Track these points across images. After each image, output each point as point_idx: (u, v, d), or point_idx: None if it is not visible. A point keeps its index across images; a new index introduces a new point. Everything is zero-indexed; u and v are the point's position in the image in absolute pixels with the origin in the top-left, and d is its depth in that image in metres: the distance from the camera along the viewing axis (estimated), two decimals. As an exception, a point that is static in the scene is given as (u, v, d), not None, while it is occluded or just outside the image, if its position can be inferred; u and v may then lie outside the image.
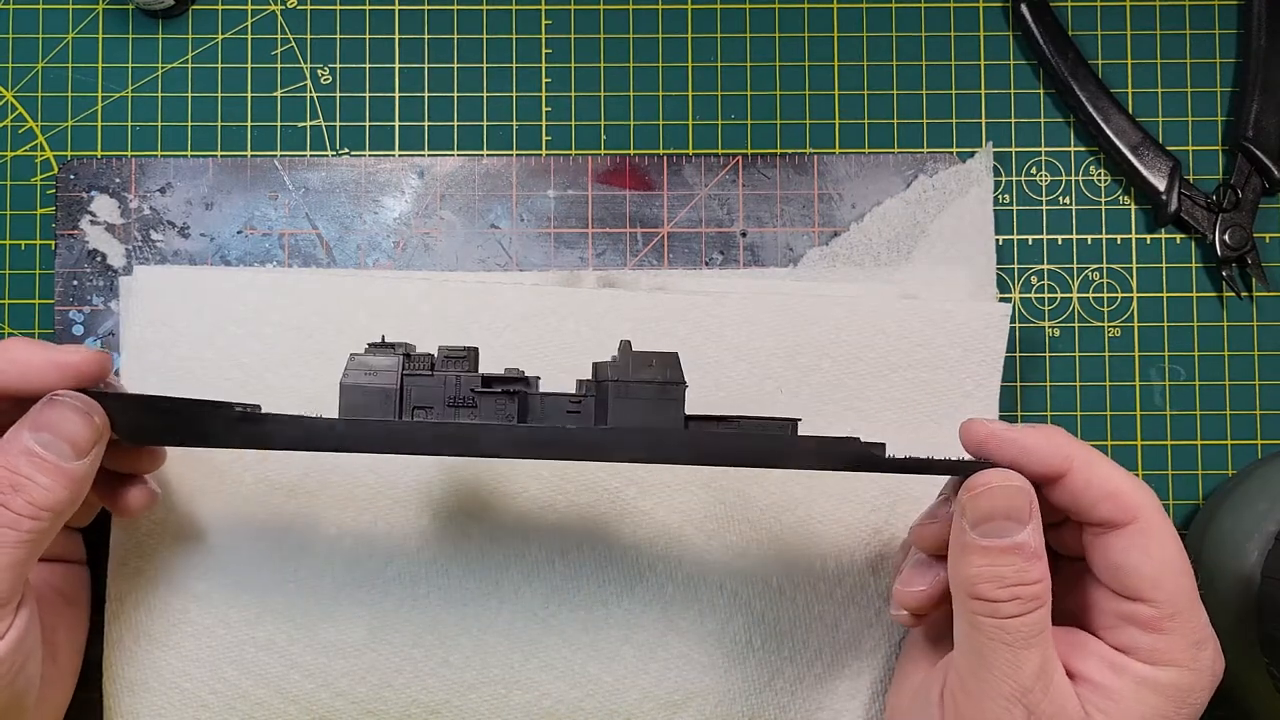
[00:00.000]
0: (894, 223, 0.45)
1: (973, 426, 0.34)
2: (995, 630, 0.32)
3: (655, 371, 0.34)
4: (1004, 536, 0.32)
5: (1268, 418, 0.45)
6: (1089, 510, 0.33)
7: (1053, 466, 0.33)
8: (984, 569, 0.32)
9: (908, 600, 0.37)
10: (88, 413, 0.34)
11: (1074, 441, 0.33)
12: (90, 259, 0.45)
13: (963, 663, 0.33)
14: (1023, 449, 0.33)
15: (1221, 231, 0.45)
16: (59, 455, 0.33)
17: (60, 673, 0.39)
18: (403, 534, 0.42)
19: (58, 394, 0.34)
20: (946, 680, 0.35)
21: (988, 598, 0.32)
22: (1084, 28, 0.47)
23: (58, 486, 0.33)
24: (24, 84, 0.46)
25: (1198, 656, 0.33)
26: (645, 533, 0.42)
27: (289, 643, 0.42)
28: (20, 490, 0.33)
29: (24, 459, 0.33)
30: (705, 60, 0.46)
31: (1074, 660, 0.34)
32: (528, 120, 0.46)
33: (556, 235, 0.45)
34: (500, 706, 0.42)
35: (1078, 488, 0.33)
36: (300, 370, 0.43)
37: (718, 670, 0.42)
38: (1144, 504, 0.33)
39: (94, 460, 0.34)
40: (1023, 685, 0.32)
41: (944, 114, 0.46)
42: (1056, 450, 0.33)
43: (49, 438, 0.33)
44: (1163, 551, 0.33)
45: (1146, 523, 0.33)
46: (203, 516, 0.42)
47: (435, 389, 0.34)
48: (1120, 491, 0.33)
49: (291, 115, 0.46)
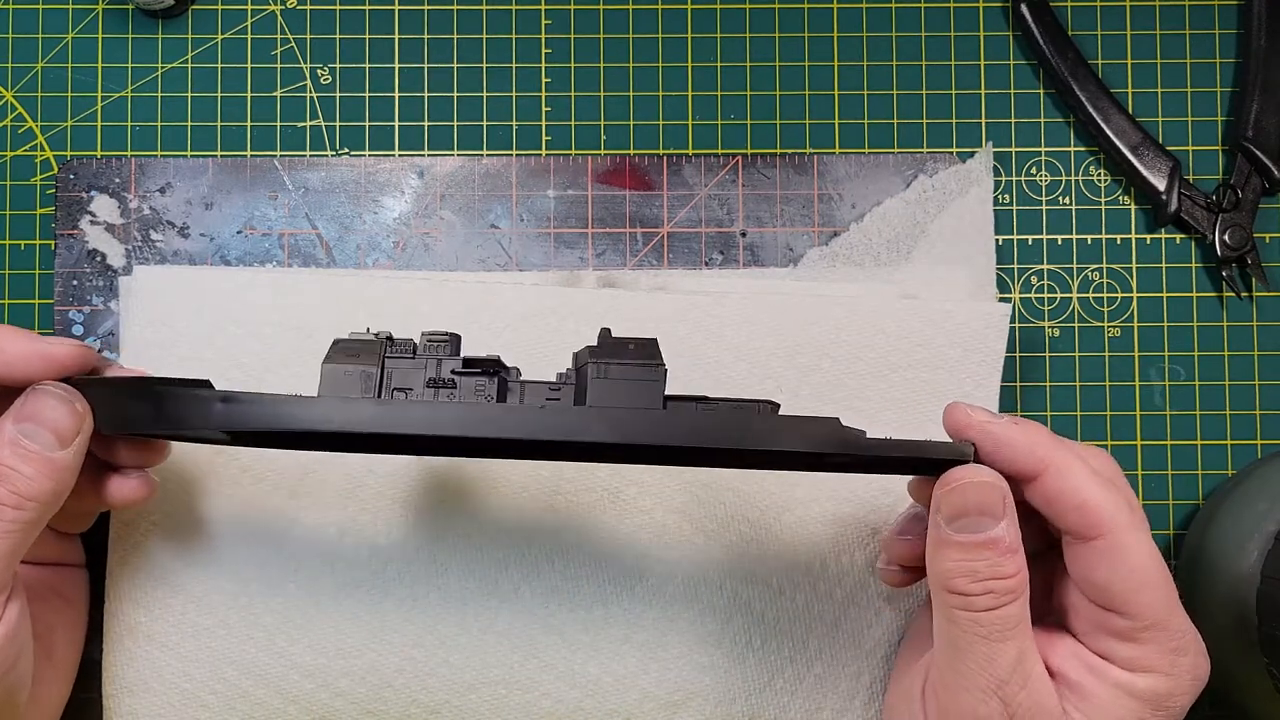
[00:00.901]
0: (894, 223, 0.45)
1: (955, 411, 0.34)
2: (970, 624, 0.32)
3: (634, 355, 0.34)
4: (978, 531, 0.32)
5: (1268, 418, 0.45)
6: (1058, 517, 0.33)
7: (1026, 467, 0.33)
8: (959, 563, 0.32)
9: (895, 548, 0.37)
10: (70, 401, 0.34)
11: (1053, 444, 0.33)
12: (90, 259, 0.45)
13: (941, 657, 0.33)
14: (997, 443, 0.33)
15: (1221, 231, 0.45)
16: (43, 445, 0.33)
17: (57, 672, 0.39)
18: (403, 535, 0.42)
19: (40, 384, 0.34)
20: (928, 675, 0.35)
21: (962, 591, 0.32)
22: (1084, 28, 0.47)
23: (42, 476, 0.33)
24: (24, 84, 0.46)
25: (1176, 663, 0.32)
26: (645, 533, 0.42)
27: (289, 643, 0.42)
28: (4, 480, 0.33)
29: (8, 449, 0.33)
30: (705, 60, 0.46)
31: (1054, 659, 0.34)
32: (528, 120, 0.46)
33: (556, 235, 0.45)
34: (500, 707, 0.42)
35: (1049, 494, 0.33)
36: (300, 370, 0.43)
37: (718, 670, 0.42)
38: (1112, 519, 0.32)
39: (79, 450, 0.34)
40: (998, 678, 0.32)
41: (944, 114, 0.46)
42: (1032, 452, 0.33)
43: (32, 427, 0.33)
44: (1133, 569, 0.32)
45: (1114, 539, 0.32)
46: (203, 518, 0.42)
47: (415, 371, 0.35)
48: (1088, 505, 0.32)
49: (291, 115, 0.46)
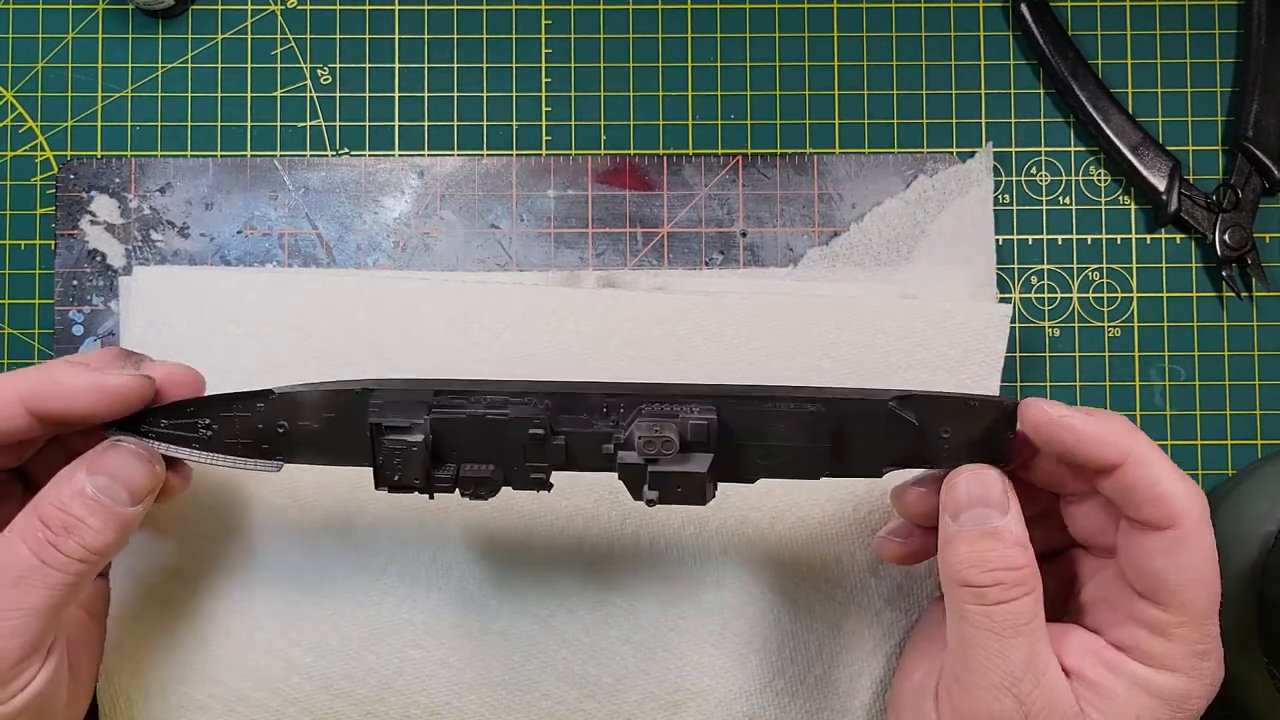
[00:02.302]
0: (894, 223, 0.45)
1: (1032, 408, 0.34)
2: (982, 618, 0.32)
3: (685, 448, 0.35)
4: (983, 523, 0.33)
5: (1268, 418, 0.45)
6: (1133, 507, 0.33)
7: (1109, 458, 0.33)
8: (966, 554, 0.33)
9: (906, 502, 0.37)
10: (151, 462, 0.34)
11: (1134, 435, 0.33)
12: (90, 259, 0.45)
13: (954, 656, 0.34)
14: (1080, 438, 0.33)
15: (1221, 231, 0.45)
16: (114, 500, 0.33)
17: (81, 688, 0.39)
18: (403, 536, 0.42)
19: (123, 439, 0.34)
20: (941, 676, 0.35)
21: (972, 583, 0.32)
22: (1084, 28, 0.47)
23: (109, 530, 0.33)
24: (24, 84, 0.46)
25: (1199, 666, 0.33)
26: (645, 533, 0.42)
27: (289, 645, 0.42)
28: (72, 532, 0.33)
29: (78, 500, 0.33)
30: (705, 60, 0.46)
31: (1069, 657, 0.34)
32: (528, 120, 0.46)
33: (556, 235, 0.45)
34: (500, 707, 0.42)
35: (1128, 482, 0.33)
36: (300, 371, 0.43)
37: (718, 671, 0.42)
38: (1188, 512, 0.32)
39: (147, 505, 0.34)
40: (1011, 674, 0.32)
41: (944, 114, 0.46)
42: (1115, 444, 0.33)
43: (107, 482, 0.33)
44: (1194, 563, 0.32)
45: (1185, 532, 0.32)
46: (202, 521, 0.42)
47: None
48: (1168, 496, 0.32)
49: (291, 115, 0.46)
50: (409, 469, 0.35)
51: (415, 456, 0.35)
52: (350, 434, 0.35)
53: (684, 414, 0.35)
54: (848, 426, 0.35)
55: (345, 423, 0.35)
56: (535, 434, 0.35)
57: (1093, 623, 0.35)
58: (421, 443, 0.35)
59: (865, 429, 0.35)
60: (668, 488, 0.34)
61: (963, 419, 0.35)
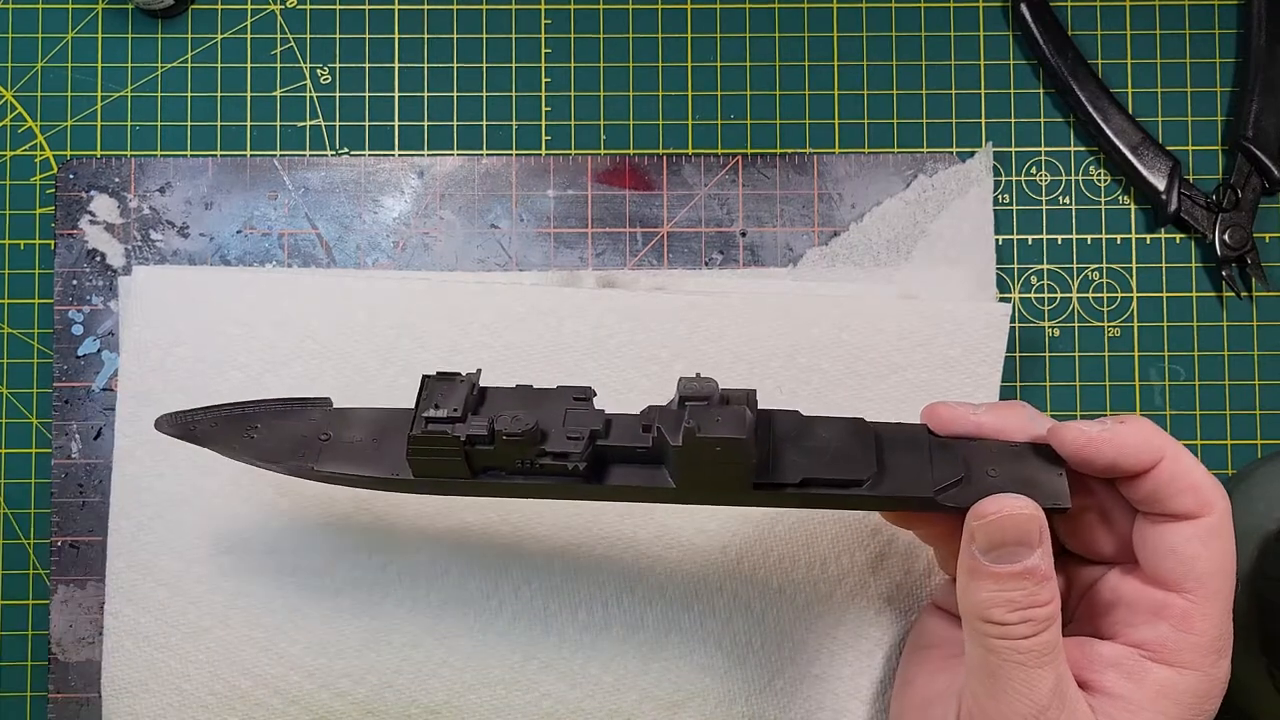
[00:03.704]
0: (894, 223, 0.45)
1: (1066, 434, 0.34)
2: (1009, 652, 0.32)
3: (723, 428, 0.33)
4: (1015, 561, 0.32)
5: (1268, 418, 0.45)
6: (1167, 501, 0.33)
7: (1146, 463, 0.33)
8: (995, 594, 0.32)
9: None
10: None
11: (1160, 432, 0.34)
12: (90, 259, 0.45)
13: (978, 687, 0.33)
14: (1120, 450, 0.33)
15: (1221, 231, 0.45)
16: None
17: None
18: (403, 535, 0.42)
19: None
20: (962, 705, 0.34)
21: (1000, 621, 0.32)
22: (1084, 28, 0.47)
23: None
24: (24, 84, 0.46)
25: (1216, 664, 0.33)
26: (645, 533, 0.42)
27: (289, 644, 0.42)
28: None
29: None
30: (705, 60, 0.46)
31: (1086, 670, 0.34)
32: (527, 120, 0.46)
33: (556, 235, 0.45)
34: (500, 707, 0.42)
35: (1162, 480, 0.33)
36: (300, 370, 0.43)
37: (718, 671, 0.42)
38: (1221, 499, 0.33)
39: None
40: (1039, 704, 0.32)
41: (944, 114, 0.46)
42: (1152, 448, 0.33)
43: None
44: (1225, 550, 0.33)
45: (1218, 520, 0.33)
46: (203, 519, 0.42)
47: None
48: (1202, 485, 0.33)
49: (291, 115, 0.46)
50: (449, 400, 0.34)
51: (459, 389, 0.34)
52: (393, 445, 0.35)
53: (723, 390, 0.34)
54: (887, 446, 0.34)
55: (391, 434, 0.36)
56: (579, 398, 0.34)
57: (1105, 629, 0.35)
58: (467, 377, 0.34)
59: (909, 453, 0.34)
60: (706, 418, 0.33)
61: (1006, 460, 0.34)
